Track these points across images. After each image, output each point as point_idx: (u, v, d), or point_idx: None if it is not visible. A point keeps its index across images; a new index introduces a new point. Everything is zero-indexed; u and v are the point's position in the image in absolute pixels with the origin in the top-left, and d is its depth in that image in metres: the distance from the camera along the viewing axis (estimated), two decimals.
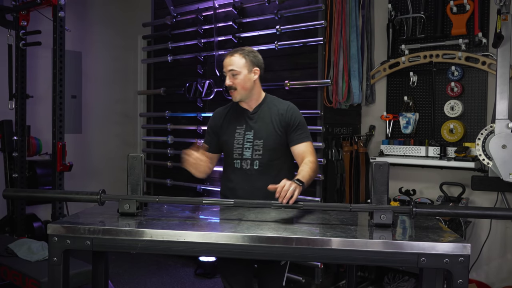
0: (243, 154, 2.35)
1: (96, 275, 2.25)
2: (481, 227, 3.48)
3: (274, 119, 2.35)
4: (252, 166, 2.33)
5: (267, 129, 2.34)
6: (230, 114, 2.45)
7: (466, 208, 1.98)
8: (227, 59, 2.36)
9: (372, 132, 3.92)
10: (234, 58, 2.34)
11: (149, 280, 3.90)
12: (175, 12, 4.41)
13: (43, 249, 3.43)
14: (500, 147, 2.92)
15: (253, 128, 2.36)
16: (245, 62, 2.34)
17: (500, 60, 2.94)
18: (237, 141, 2.37)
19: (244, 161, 2.35)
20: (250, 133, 2.36)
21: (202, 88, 4.15)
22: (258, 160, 2.33)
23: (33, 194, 2.61)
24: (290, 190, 1.99)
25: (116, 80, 5.64)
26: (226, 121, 2.44)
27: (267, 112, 2.38)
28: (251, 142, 2.34)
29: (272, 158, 2.34)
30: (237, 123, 2.40)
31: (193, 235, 1.75)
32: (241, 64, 2.33)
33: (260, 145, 2.33)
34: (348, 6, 3.51)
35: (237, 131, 2.38)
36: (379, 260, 1.70)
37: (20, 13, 4.20)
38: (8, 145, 4.34)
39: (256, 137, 2.34)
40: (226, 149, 2.42)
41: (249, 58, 2.35)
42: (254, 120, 2.38)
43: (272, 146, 2.34)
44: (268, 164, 2.33)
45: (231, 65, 2.33)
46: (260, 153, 2.33)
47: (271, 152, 2.33)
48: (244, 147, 2.35)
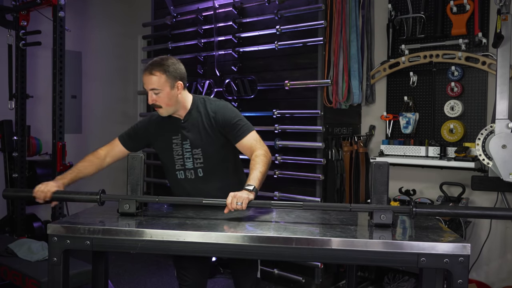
0: (185, 164, 2.29)
1: (96, 275, 2.25)
2: (481, 227, 3.48)
3: (207, 123, 2.27)
4: (196, 175, 2.29)
5: (202, 137, 2.27)
6: (164, 123, 2.34)
7: (466, 208, 1.98)
8: (146, 77, 2.20)
9: (372, 132, 3.92)
10: (154, 77, 2.18)
11: (149, 280, 3.90)
12: (175, 12, 4.41)
13: (43, 249, 3.43)
14: (500, 147, 2.92)
15: (188, 138, 2.28)
16: (166, 79, 2.19)
17: (500, 60, 2.94)
18: (176, 152, 2.30)
19: (187, 171, 2.29)
20: (186, 143, 2.28)
21: (202, 88, 4.14)
22: (201, 168, 2.28)
23: (33, 194, 2.61)
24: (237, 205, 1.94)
25: (116, 80, 5.64)
26: (159, 129, 2.35)
27: (198, 118, 2.29)
28: (189, 151, 2.28)
29: (215, 163, 2.29)
30: (172, 133, 2.31)
31: (193, 235, 1.75)
32: (161, 82, 2.18)
33: (199, 153, 2.27)
34: (348, 6, 3.51)
35: (174, 142, 2.30)
36: (379, 260, 1.70)
37: (20, 13, 4.20)
38: (8, 145, 4.34)
39: (193, 146, 2.27)
40: (166, 161, 2.34)
41: (170, 73, 2.20)
42: (187, 129, 2.29)
43: (211, 152, 2.28)
44: (212, 169, 2.28)
45: (151, 84, 2.19)
46: (201, 161, 2.27)
47: (211, 157, 2.28)
48: (184, 157, 2.29)
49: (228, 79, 3.94)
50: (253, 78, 3.83)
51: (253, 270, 2.48)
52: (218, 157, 2.30)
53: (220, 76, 4.06)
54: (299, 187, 3.61)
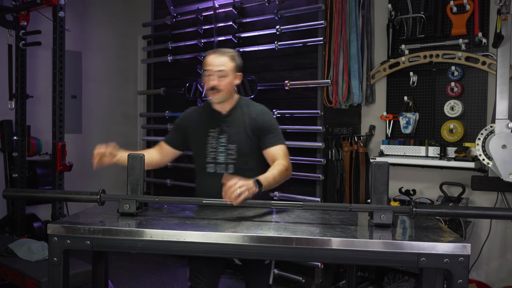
0: (217, 158, 2.30)
1: (96, 275, 2.25)
2: (481, 227, 3.48)
3: (247, 123, 2.30)
4: (226, 171, 2.29)
5: (240, 134, 2.29)
6: (203, 116, 2.39)
7: (466, 208, 1.98)
8: (215, 58, 2.26)
9: (372, 132, 3.92)
10: (224, 59, 2.26)
11: (149, 280, 3.90)
12: (175, 12, 4.41)
13: (43, 249, 3.43)
14: (500, 147, 2.92)
15: (226, 132, 2.31)
16: (233, 66, 2.28)
17: (500, 60, 2.94)
18: (210, 144, 2.32)
19: (218, 165, 2.30)
20: (223, 137, 2.30)
21: (202, 88, 4.14)
22: (233, 165, 2.29)
23: (33, 194, 2.62)
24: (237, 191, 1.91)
25: (116, 80, 5.64)
26: (198, 122, 2.38)
27: (240, 116, 2.32)
28: (224, 146, 2.29)
29: (246, 163, 2.30)
30: (210, 126, 2.34)
31: (193, 235, 1.75)
32: (229, 67, 2.26)
33: (234, 149, 2.28)
34: (348, 6, 3.51)
35: (210, 135, 2.32)
36: (379, 260, 1.70)
37: (20, 13, 4.20)
38: (8, 145, 4.34)
39: (230, 141, 2.29)
40: (198, 153, 2.36)
41: (236, 62, 2.30)
42: (227, 123, 2.32)
43: (246, 150, 2.29)
44: (242, 169, 2.28)
45: (221, 65, 2.24)
46: (234, 157, 2.29)
47: (244, 156, 2.29)
48: (218, 151, 2.30)
49: None
50: (253, 78, 3.83)
51: (266, 276, 2.43)
52: (250, 158, 2.31)
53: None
54: (299, 187, 3.61)
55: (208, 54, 2.30)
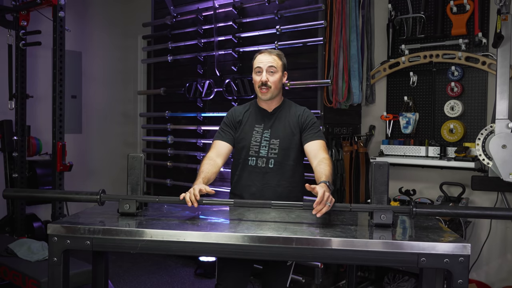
0: (260, 152, 2.38)
1: (96, 275, 2.25)
2: (481, 227, 3.48)
3: (291, 120, 2.40)
4: (267, 165, 2.36)
5: (284, 129, 2.39)
6: (250, 112, 2.48)
7: (466, 208, 1.98)
8: (265, 56, 2.38)
9: (372, 132, 3.92)
10: (275, 56, 2.39)
11: (149, 280, 3.90)
12: (175, 12, 4.41)
13: (43, 249, 3.43)
14: (500, 147, 2.92)
15: (270, 127, 2.40)
16: (282, 64, 2.41)
17: (500, 60, 2.94)
18: (254, 138, 2.40)
19: (260, 159, 2.37)
20: (267, 132, 2.40)
21: (202, 88, 4.15)
22: (274, 159, 2.36)
23: (33, 194, 2.61)
24: (328, 203, 1.87)
25: (116, 80, 5.64)
26: (245, 118, 2.47)
27: (285, 114, 2.43)
28: (267, 140, 2.38)
29: (287, 158, 2.37)
30: (256, 122, 2.44)
31: (193, 235, 1.75)
32: (279, 65, 2.39)
33: (276, 144, 2.37)
34: (348, 6, 3.51)
35: (255, 129, 2.42)
36: (379, 260, 1.70)
37: (20, 13, 4.20)
38: (8, 145, 4.34)
39: (273, 136, 2.38)
40: (241, 146, 2.43)
41: (283, 61, 2.43)
42: (272, 119, 2.42)
43: (288, 146, 2.37)
44: (283, 164, 2.37)
45: (271, 62, 2.36)
46: (276, 152, 2.36)
47: (286, 151, 2.37)
48: (261, 145, 2.38)
49: (228, 79, 3.94)
50: None
51: (285, 278, 2.43)
52: (292, 154, 2.38)
53: (220, 76, 4.06)
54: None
55: (258, 54, 2.43)
